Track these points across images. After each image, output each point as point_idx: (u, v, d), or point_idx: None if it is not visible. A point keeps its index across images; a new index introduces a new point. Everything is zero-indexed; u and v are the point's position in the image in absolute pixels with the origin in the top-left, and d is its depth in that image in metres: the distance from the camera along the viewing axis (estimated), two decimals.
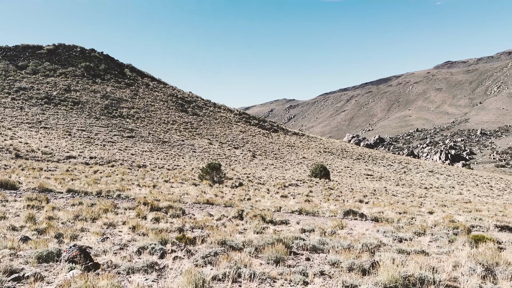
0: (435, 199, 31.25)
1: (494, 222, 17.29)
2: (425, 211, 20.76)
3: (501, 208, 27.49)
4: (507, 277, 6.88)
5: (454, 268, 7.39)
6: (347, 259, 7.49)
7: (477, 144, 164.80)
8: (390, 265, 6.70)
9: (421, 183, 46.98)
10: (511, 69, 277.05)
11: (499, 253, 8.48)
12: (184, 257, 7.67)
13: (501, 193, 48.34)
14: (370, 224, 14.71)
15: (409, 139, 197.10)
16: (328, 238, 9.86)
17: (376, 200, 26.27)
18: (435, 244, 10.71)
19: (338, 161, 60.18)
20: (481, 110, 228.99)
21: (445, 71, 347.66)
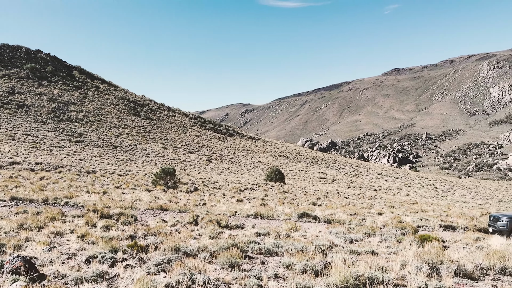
0: (384, 200, 32.50)
1: (439, 222, 18.25)
2: (375, 212, 21.53)
3: (445, 209, 29.08)
4: (450, 274, 7.28)
5: (402, 267, 7.71)
6: (301, 261, 7.61)
7: (423, 148, 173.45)
8: (342, 265, 6.88)
9: (371, 185, 48.70)
10: (454, 76, 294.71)
11: (443, 252, 8.95)
12: (136, 265, 7.46)
13: (445, 194, 51.13)
14: (323, 226, 15.04)
15: (360, 143, 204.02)
16: (283, 241, 9.97)
17: (329, 202, 26.91)
18: (384, 244, 11.13)
19: (292, 164, 61.12)
20: (426, 115, 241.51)
21: (392, 78, 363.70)
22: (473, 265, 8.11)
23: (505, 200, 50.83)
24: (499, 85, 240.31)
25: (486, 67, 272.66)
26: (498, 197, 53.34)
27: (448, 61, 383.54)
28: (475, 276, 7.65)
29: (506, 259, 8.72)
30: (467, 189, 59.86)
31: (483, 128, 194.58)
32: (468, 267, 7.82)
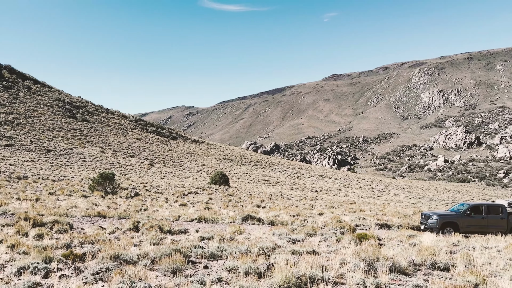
0: (324, 201, 33.55)
1: (375, 220, 19.16)
2: (316, 213, 22.17)
3: (381, 208, 30.60)
4: (386, 271, 7.65)
5: (341, 265, 7.99)
6: (244, 263, 7.63)
7: (360, 150, 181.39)
8: (284, 266, 7.00)
9: (312, 187, 50.08)
10: (388, 82, 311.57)
11: (379, 249, 9.40)
12: (72, 275, 7.08)
13: (381, 194, 53.80)
14: (267, 228, 15.21)
15: (302, 146, 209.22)
16: (227, 245, 9.94)
17: (272, 204, 27.28)
18: (325, 244, 11.48)
19: (237, 167, 61.27)
20: (363, 119, 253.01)
21: (332, 83, 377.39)
22: (407, 261, 8.60)
23: (436, 199, 54.51)
24: (429, 91, 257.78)
25: (417, 74, 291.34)
26: (429, 196, 57.08)
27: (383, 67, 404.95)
28: (408, 272, 8.11)
29: (436, 255, 9.35)
30: (401, 189, 63.48)
31: (415, 131, 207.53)
32: (402, 264, 8.27)
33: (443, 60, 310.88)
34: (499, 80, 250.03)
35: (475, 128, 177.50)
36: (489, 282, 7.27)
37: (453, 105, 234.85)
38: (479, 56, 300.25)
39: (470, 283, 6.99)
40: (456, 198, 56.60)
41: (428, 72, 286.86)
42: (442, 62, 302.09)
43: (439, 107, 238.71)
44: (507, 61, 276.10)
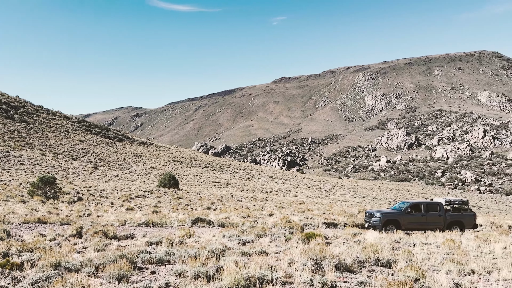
0: (274, 202, 33.96)
1: (323, 220, 19.67)
2: (266, 214, 22.38)
3: (328, 207, 31.47)
4: (332, 269, 7.87)
5: (290, 265, 8.12)
6: (194, 267, 7.53)
7: (309, 151, 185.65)
8: (234, 268, 6.99)
9: (263, 188, 50.52)
10: (334, 86, 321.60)
11: (326, 248, 9.66)
12: (9, 286, 6.64)
13: (328, 193, 55.35)
14: (217, 230, 15.13)
15: (252, 147, 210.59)
16: (175, 249, 9.76)
17: (223, 206, 27.19)
18: (274, 244, 11.61)
19: (187, 170, 60.43)
20: (311, 121, 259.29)
21: (281, 86, 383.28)
22: (352, 258, 8.90)
23: (379, 197, 56.96)
24: (373, 94, 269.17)
25: (361, 78, 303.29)
26: (373, 195, 59.55)
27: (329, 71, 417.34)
28: (353, 269, 8.40)
29: (380, 252, 9.75)
30: (347, 188, 65.71)
31: (360, 133, 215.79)
32: (348, 261, 8.55)
33: (386, 65, 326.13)
34: (437, 84, 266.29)
35: (415, 130, 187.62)
36: (428, 277, 7.70)
37: (394, 108, 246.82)
38: (418, 62, 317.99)
39: (410, 278, 7.36)
40: (398, 197, 59.52)
41: (371, 77, 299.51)
42: (385, 67, 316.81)
43: (382, 110, 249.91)
44: (444, 66, 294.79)
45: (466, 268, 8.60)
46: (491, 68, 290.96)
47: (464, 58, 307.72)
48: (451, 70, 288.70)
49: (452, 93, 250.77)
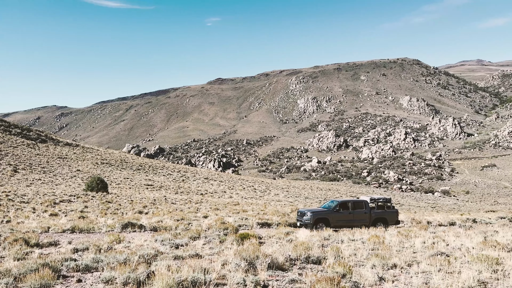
0: (209, 203, 33.75)
1: (257, 220, 19.91)
2: (201, 216, 22.17)
3: (262, 207, 31.93)
4: (265, 268, 8.00)
5: (223, 266, 8.12)
6: (123, 273, 7.25)
7: (244, 152, 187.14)
8: (166, 273, 6.84)
9: (197, 190, 50.00)
10: (269, 88, 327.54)
11: (259, 248, 9.78)
12: None
13: (262, 194, 56.17)
14: (149, 234, 14.70)
15: (187, 149, 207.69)
16: (104, 255, 9.33)
17: (156, 209, 26.47)
18: (208, 246, 11.54)
19: (117, 172, 58.02)
20: (246, 122, 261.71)
21: (217, 87, 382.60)
22: (284, 257, 9.10)
23: (310, 197, 58.94)
24: (305, 97, 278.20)
25: (294, 81, 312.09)
26: (305, 195, 61.49)
27: (264, 74, 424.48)
28: (285, 267, 8.60)
29: (310, 249, 10.08)
30: (281, 189, 67.20)
31: (293, 134, 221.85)
32: (280, 260, 8.73)
33: (317, 70, 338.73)
34: (363, 89, 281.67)
35: (343, 132, 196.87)
36: (354, 272, 8.10)
37: (325, 111, 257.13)
38: (346, 67, 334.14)
39: (338, 274, 7.70)
40: (328, 196, 62.03)
41: (303, 80, 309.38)
42: (316, 72, 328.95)
43: (313, 113, 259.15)
44: (370, 72, 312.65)
45: (389, 262, 9.16)
46: (412, 74, 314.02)
47: (387, 65, 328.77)
48: (376, 75, 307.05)
49: (377, 97, 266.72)
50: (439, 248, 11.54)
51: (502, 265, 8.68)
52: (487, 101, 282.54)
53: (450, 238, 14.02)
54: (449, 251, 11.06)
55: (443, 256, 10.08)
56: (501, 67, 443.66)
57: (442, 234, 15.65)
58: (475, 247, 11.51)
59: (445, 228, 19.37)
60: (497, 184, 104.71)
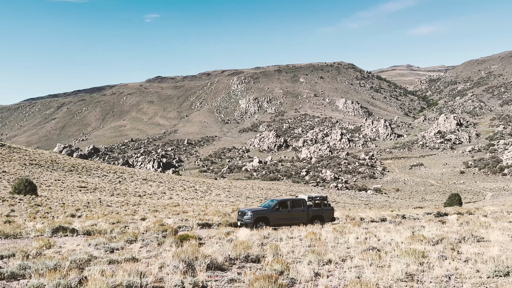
0: (148, 205, 32.87)
1: (197, 221, 19.72)
2: (139, 218, 21.53)
3: (203, 208, 31.68)
4: (204, 269, 7.95)
5: (161, 269, 7.95)
6: (53, 280, 6.84)
7: (185, 153, 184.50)
8: (99, 278, 6.56)
9: (135, 191, 48.48)
10: (210, 88, 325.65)
11: (199, 248, 9.70)
12: None
13: (204, 194, 55.75)
14: (82, 238, 14.02)
15: (124, 149, 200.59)
16: (32, 261, 8.74)
17: (89, 212, 25.30)
18: (146, 249, 11.23)
19: (47, 174, 54.61)
20: (187, 122, 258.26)
21: (156, 85, 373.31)
22: (224, 257, 9.11)
23: (251, 196, 59.50)
24: (246, 98, 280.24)
25: (236, 81, 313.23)
26: (246, 194, 61.96)
27: (205, 74, 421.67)
28: (225, 267, 8.61)
29: (250, 248, 10.18)
30: (222, 189, 67.14)
31: (234, 135, 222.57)
32: (219, 260, 8.73)
33: (258, 71, 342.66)
34: (302, 91, 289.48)
35: (284, 133, 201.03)
36: (291, 268, 8.30)
37: (266, 111, 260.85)
38: (286, 69, 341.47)
39: (276, 271, 7.85)
40: (268, 195, 63.01)
41: (245, 81, 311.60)
42: (257, 73, 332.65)
43: (255, 113, 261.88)
44: (308, 75, 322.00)
45: (324, 258, 9.50)
46: (347, 78, 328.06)
47: (325, 68, 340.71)
48: (314, 78, 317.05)
49: (315, 99, 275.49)
50: (371, 243, 12.15)
51: (427, 258, 9.34)
52: (415, 104, 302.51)
53: (381, 233, 14.81)
54: (380, 245, 11.69)
55: (374, 250, 10.64)
56: (428, 72, 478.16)
57: (374, 229, 16.50)
58: (404, 241, 12.26)
59: (377, 224, 20.44)
60: (424, 182, 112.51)
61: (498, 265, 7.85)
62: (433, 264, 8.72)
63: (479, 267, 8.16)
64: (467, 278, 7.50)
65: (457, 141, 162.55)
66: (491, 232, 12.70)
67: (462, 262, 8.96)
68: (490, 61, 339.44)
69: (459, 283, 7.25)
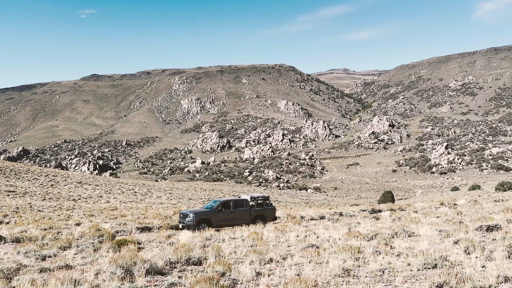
0: (83, 210, 31.34)
1: (137, 224, 19.15)
2: (73, 224, 20.47)
3: (143, 211, 30.80)
4: (143, 274, 7.73)
5: (97, 276, 7.61)
6: None
7: (123, 154, 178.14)
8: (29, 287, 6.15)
9: (69, 195, 46.02)
10: (150, 87, 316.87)
11: (138, 253, 9.42)
12: None
13: (143, 197, 54.18)
14: (11, 246, 13.07)
15: (57, 151, 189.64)
16: None
17: (19, 218, 23.62)
18: (81, 256, 10.70)
19: None
20: (126, 122, 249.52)
21: (92, 84, 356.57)
22: (164, 261, 8.92)
23: (194, 198, 58.81)
24: (188, 98, 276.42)
25: (177, 81, 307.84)
26: (189, 196, 61.13)
27: (145, 72, 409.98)
28: (165, 271, 8.43)
29: (191, 250, 10.06)
30: (163, 191, 65.69)
31: (176, 135, 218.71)
32: (159, 264, 8.53)
33: (200, 71, 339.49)
34: (245, 92, 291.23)
35: (227, 133, 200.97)
36: (233, 269, 8.32)
37: (208, 112, 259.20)
38: (229, 70, 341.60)
39: (218, 273, 7.83)
40: (211, 196, 62.64)
41: (187, 81, 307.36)
42: (199, 73, 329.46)
43: (197, 114, 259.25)
44: (250, 76, 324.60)
45: (266, 257, 9.63)
46: (288, 80, 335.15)
47: (267, 70, 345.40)
48: (257, 79, 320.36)
49: (257, 100, 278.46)
50: (310, 240, 12.52)
51: (363, 253, 9.79)
52: (351, 106, 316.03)
53: (320, 230, 15.31)
54: (319, 243, 12.08)
55: (313, 248, 10.97)
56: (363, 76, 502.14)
57: (314, 227, 17.01)
58: (341, 238, 12.77)
59: (316, 222, 21.08)
60: (360, 180, 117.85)
61: (427, 258, 8.42)
62: (368, 259, 9.15)
63: (410, 261, 8.70)
64: (399, 271, 7.97)
65: (389, 141, 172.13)
66: (421, 227, 13.59)
67: (394, 256, 9.50)
68: (420, 66, 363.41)
69: (392, 277, 7.68)
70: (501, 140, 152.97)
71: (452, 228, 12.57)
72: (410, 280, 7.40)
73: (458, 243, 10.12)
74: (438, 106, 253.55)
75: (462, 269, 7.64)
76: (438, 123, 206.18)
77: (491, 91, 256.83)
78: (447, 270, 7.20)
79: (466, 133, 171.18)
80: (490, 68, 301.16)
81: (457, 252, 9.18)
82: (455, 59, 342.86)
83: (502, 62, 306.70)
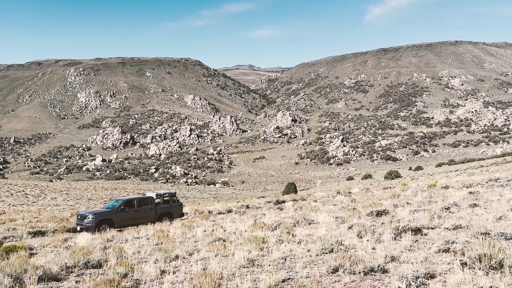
0: None
1: (28, 229, 17.47)
2: None
3: (36, 214, 28.18)
4: (35, 281, 7.07)
5: None
6: None
7: (11, 153, 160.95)
8: None
9: None
10: (42, 79, 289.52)
11: (29, 260, 8.61)
12: None
13: (36, 199, 49.58)
14: None
15: None
16: None
17: None
18: None
19: None
20: (14, 118, 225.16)
21: None
22: (59, 266, 8.27)
23: (94, 198, 55.40)
24: (86, 91, 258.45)
25: (73, 73, 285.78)
26: (88, 196, 57.39)
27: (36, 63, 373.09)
28: (60, 277, 7.83)
29: (90, 253, 9.47)
30: (59, 192, 60.79)
31: (73, 131, 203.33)
32: (54, 269, 7.89)
33: (99, 62, 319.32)
34: (149, 86, 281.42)
35: (130, 129, 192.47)
36: (137, 269, 8.02)
37: (109, 106, 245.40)
38: (131, 62, 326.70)
39: (119, 274, 7.49)
40: (114, 195, 59.58)
41: (84, 73, 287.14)
42: (98, 64, 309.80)
43: (96, 108, 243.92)
44: (155, 69, 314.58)
45: (172, 254, 9.47)
46: (195, 74, 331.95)
47: (172, 63, 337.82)
48: (162, 73, 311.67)
49: (163, 94, 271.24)
50: (217, 234, 12.61)
51: (267, 243, 10.13)
52: (257, 102, 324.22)
53: (227, 224, 15.50)
54: (226, 236, 12.22)
55: (220, 241, 11.07)
56: (268, 72, 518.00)
57: (221, 221, 17.17)
58: (247, 229, 13.06)
59: (224, 216, 21.31)
60: (265, 173, 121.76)
61: (324, 243, 9.00)
62: (271, 248, 9.50)
63: (310, 247, 9.22)
64: (300, 258, 8.41)
65: (292, 135, 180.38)
66: (320, 215, 14.47)
67: (296, 244, 9.99)
68: (318, 64, 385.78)
69: (293, 263, 8.07)
70: (389, 133, 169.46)
71: (347, 215, 13.61)
72: (309, 265, 7.85)
73: (352, 228, 10.99)
74: (335, 102, 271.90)
75: (355, 252, 8.31)
76: (334, 118, 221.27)
77: (380, 89, 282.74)
78: (342, 253, 7.77)
79: (359, 127, 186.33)
80: (380, 67, 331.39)
81: (351, 236, 9.96)
82: (350, 58, 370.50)
83: (389, 62, 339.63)
